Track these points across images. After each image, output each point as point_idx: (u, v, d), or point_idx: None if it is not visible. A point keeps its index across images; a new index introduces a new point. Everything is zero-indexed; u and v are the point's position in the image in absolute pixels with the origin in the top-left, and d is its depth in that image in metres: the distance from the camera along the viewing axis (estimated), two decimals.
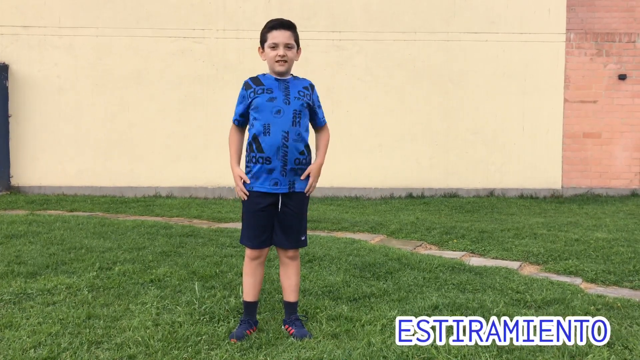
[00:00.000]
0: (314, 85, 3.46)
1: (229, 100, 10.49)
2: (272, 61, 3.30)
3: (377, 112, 10.67)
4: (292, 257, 3.43)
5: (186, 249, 5.52)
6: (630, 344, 3.13)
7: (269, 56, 3.31)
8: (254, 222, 3.33)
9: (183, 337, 3.22)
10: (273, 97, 3.28)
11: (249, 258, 3.38)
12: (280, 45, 3.28)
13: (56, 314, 3.58)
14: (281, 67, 3.29)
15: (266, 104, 3.28)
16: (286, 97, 3.29)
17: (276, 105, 3.27)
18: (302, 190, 3.37)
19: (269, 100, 3.28)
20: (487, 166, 10.78)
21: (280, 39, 3.28)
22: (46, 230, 6.36)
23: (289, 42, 3.30)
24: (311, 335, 3.26)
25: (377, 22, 10.63)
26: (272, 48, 3.29)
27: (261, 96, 3.29)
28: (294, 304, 3.43)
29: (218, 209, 8.77)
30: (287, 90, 3.31)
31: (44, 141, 10.63)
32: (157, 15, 10.59)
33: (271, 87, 3.31)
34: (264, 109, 3.28)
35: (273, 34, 3.30)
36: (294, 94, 3.31)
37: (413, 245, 6.12)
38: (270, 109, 3.27)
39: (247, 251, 3.39)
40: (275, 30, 3.30)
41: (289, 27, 3.33)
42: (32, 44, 10.56)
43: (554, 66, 10.67)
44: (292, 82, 3.36)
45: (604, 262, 5.17)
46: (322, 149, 3.50)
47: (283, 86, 3.32)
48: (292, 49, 3.32)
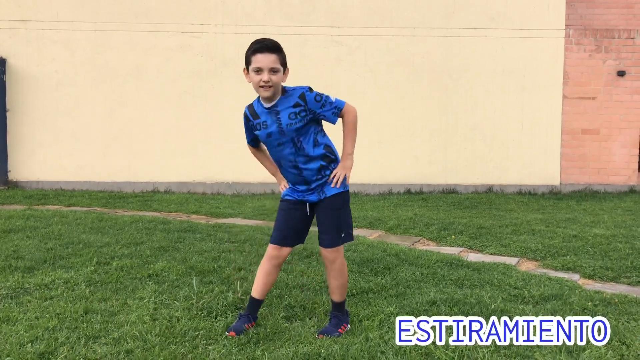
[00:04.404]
0: (306, 92, 3.15)
1: (228, 96, 10.50)
2: (257, 86, 3.11)
3: (376, 108, 10.65)
4: (328, 257, 3.30)
5: (184, 244, 5.52)
6: (627, 340, 3.13)
7: (254, 80, 3.11)
8: (281, 220, 3.35)
9: (180, 332, 3.22)
10: (269, 132, 3.21)
11: (267, 257, 3.35)
12: (265, 69, 3.06)
13: (53, 308, 3.58)
14: (266, 92, 3.10)
15: (266, 140, 3.26)
16: (279, 128, 3.17)
17: (274, 139, 3.22)
18: (334, 192, 3.31)
19: (267, 137, 3.23)
20: (485, 162, 10.78)
21: (265, 63, 3.06)
22: (44, 225, 6.35)
23: (274, 66, 3.07)
24: (339, 335, 3.23)
25: (377, 17, 10.61)
26: (257, 72, 3.08)
27: (260, 132, 3.25)
28: (335, 304, 3.39)
29: (216, 205, 8.76)
30: (278, 120, 3.16)
31: (41, 136, 10.62)
32: (156, 10, 10.55)
33: (265, 120, 3.21)
34: (267, 145, 3.31)
35: (257, 57, 3.07)
36: (286, 120, 3.15)
37: (411, 241, 6.12)
38: (271, 144, 3.26)
39: (268, 248, 3.36)
40: (259, 53, 3.07)
41: (274, 50, 3.09)
42: (30, 38, 10.53)
43: (553, 62, 10.66)
44: (281, 105, 3.15)
45: (601, 258, 5.17)
46: (346, 137, 3.27)
47: (274, 115, 3.17)
48: (278, 72, 3.09)
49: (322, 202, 3.31)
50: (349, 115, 3.24)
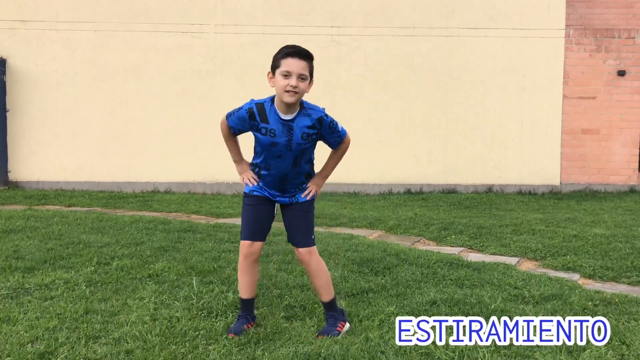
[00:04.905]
0: (322, 118, 3.15)
1: (228, 96, 10.50)
2: (282, 90, 3.02)
3: (375, 108, 10.65)
4: (304, 258, 3.31)
5: (184, 244, 5.52)
6: (627, 340, 3.13)
7: (279, 84, 3.03)
8: (250, 215, 3.31)
9: (181, 332, 3.22)
10: (275, 142, 3.13)
11: (242, 255, 3.32)
12: (294, 74, 3.01)
13: (54, 308, 3.58)
14: (290, 99, 3.02)
15: (268, 147, 3.17)
16: (288, 143, 3.13)
17: (278, 150, 3.16)
18: (305, 200, 3.33)
19: (271, 145, 3.15)
20: (485, 162, 10.78)
21: (295, 67, 3.01)
22: (44, 225, 6.35)
23: (303, 73, 3.03)
24: (338, 333, 3.23)
25: (376, 17, 10.61)
26: (285, 76, 3.01)
27: (264, 137, 3.15)
28: (326, 304, 3.38)
29: (216, 205, 8.76)
30: (290, 134, 3.11)
31: (41, 136, 10.62)
32: (156, 10, 10.56)
33: (274, 129, 3.11)
34: (265, 150, 3.20)
35: (288, 61, 3.02)
36: (297, 139, 3.12)
37: (411, 241, 6.12)
38: (271, 153, 3.19)
39: (241, 247, 3.34)
40: (290, 57, 3.02)
41: (306, 57, 3.06)
42: (30, 38, 10.53)
43: (553, 62, 10.66)
44: (297, 122, 3.12)
45: (602, 258, 5.17)
46: (330, 162, 3.38)
47: (287, 129, 3.10)
48: (305, 80, 3.06)
49: (294, 205, 3.33)
50: (344, 145, 3.38)
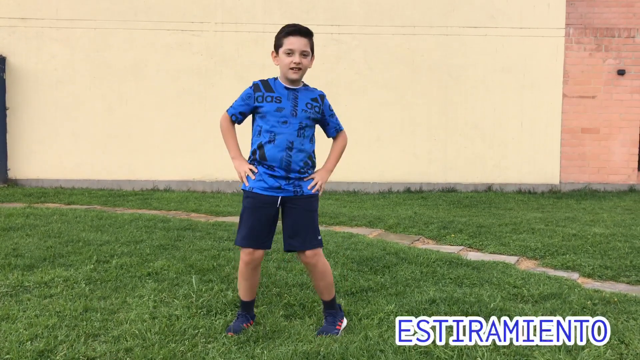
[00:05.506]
0: (324, 96, 3.37)
1: (227, 94, 10.48)
2: (286, 68, 3.20)
3: (375, 107, 10.65)
4: (310, 261, 3.26)
5: (184, 243, 5.52)
6: (626, 339, 3.14)
7: (284, 62, 3.20)
8: (252, 220, 3.21)
9: (180, 330, 3.22)
10: (281, 107, 3.21)
11: (244, 262, 3.25)
12: (297, 52, 3.17)
13: (53, 306, 3.58)
14: (295, 75, 3.20)
15: (274, 113, 3.20)
16: (294, 109, 3.22)
17: (283, 115, 3.21)
18: (310, 193, 3.29)
19: (276, 110, 3.20)
20: (485, 161, 10.78)
21: (297, 45, 3.18)
22: (43, 223, 6.35)
23: (305, 50, 3.20)
24: (337, 332, 3.23)
25: (376, 16, 10.60)
26: (288, 54, 3.18)
27: (270, 104, 3.21)
28: (326, 302, 3.38)
29: (216, 203, 8.77)
30: (295, 101, 3.24)
31: (41, 134, 10.61)
32: (156, 8, 10.55)
33: (280, 96, 3.23)
34: (271, 117, 3.21)
35: (290, 39, 3.18)
36: (302, 106, 3.24)
37: (411, 240, 6.12)
38: (277, 118, 3.20)
39: (242, 254, 3.26)
40: (292, 36, 3.19)
41: (306, 34, 3.22)
42: (29, 36, 10.52)
43: (553, 61, 10.66)
44: (301, 92, 3.28)
45: (601, 257, 5.17)
46: (332, 155, 3.44)
47: (292, 96, 3.24)
48: (307, 56, 3.22)
49: (297, 201, 3.25)
50: (343, 140, 3.49)
